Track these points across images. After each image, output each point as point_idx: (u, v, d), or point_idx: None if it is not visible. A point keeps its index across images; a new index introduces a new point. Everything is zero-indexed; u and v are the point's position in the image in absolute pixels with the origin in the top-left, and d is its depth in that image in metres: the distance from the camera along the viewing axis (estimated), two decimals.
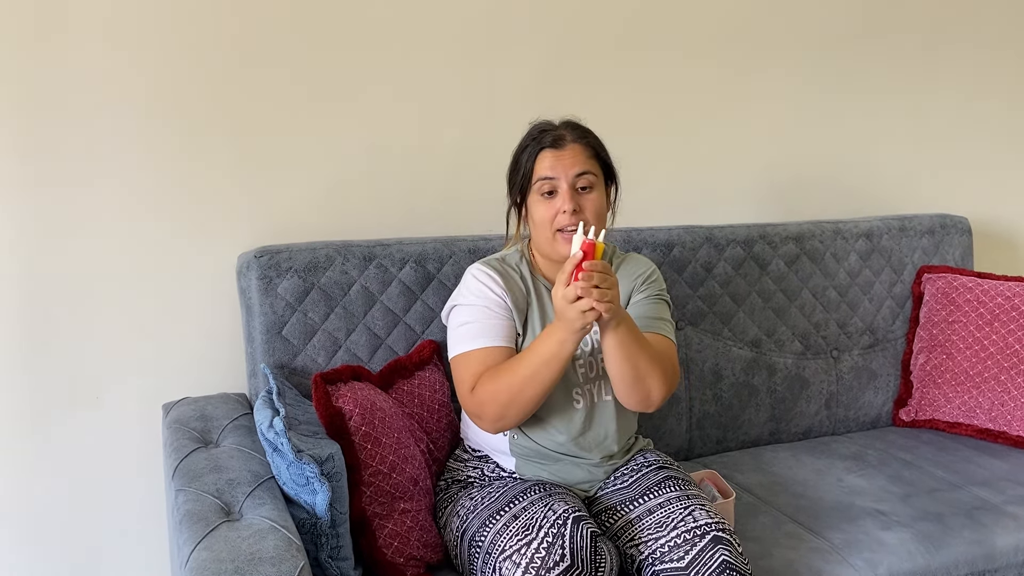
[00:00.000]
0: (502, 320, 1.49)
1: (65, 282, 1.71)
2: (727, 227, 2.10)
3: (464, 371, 1.47)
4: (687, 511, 1.41)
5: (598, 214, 1.49)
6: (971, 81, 2.58)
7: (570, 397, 1.52)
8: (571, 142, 1.50)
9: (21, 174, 1.65)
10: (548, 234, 1.49)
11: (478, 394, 1.43)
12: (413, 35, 1.91)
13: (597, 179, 1.51)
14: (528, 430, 1.52)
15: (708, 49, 2.21)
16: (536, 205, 1.50)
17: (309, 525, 1.31)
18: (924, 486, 1.84)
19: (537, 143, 1.51)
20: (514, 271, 1.55)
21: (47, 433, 1.74)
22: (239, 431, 1.53)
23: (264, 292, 1.66)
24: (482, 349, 1.46)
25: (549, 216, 1.48)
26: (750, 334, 2.08)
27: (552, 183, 1.48)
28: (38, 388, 1.72)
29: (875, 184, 2.49)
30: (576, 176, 1.47)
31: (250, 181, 1.81)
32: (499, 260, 1.57)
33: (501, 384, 1.40)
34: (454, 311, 1.53)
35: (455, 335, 1.51)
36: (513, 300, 1.51)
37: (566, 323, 1.31)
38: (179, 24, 1.72)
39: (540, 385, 1.38)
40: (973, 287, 2.18)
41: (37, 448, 1.74)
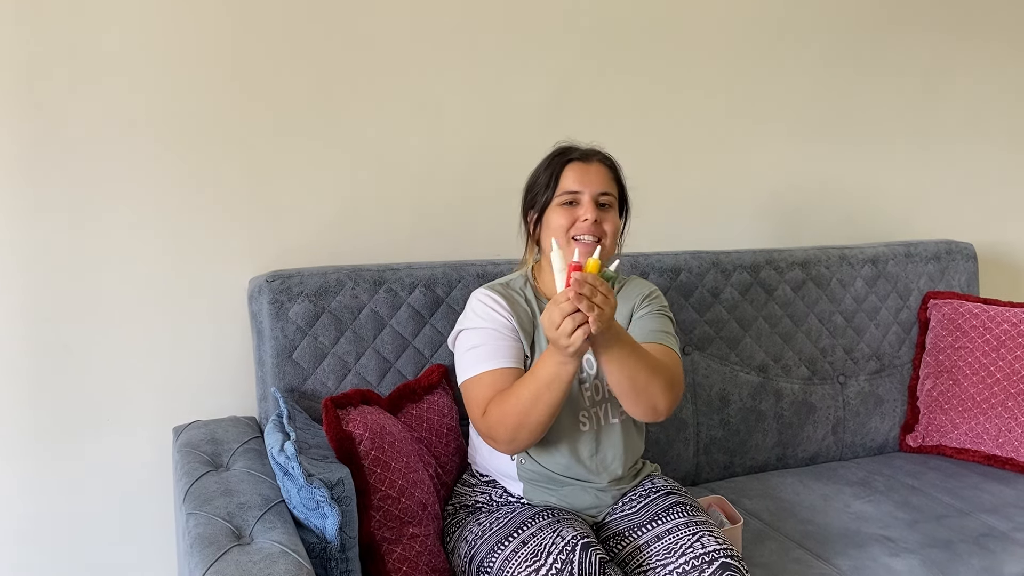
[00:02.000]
0: (510, 341, 1.50)
1: (76, 305, 1.72)
2: (734, 252, 2.11)
3: (475, 394, 1.48)
4: (696, 537, 1.42)
5: (613, 232, 1.53)
6: (975, 107, 2.60)
7: (576, 420, 1.53)
8: (597, 161, 1.55)
9: (35, 199, 1.67)
10: (563, 242, 1.50)
11: (489, 418, 1.44)
12: (424, 61, 1.93)
13: (615, 202, 1.55)
14: (535, 454, 1.53)
15: (716, 76, 2.23)
16: (555, 213, 1.52)
17: (319, 549, 1.31)
18: (932, 512, 1.84)
19: (563, 156, 1.55)
20: (518, 295, 1.57)
21: (57, 454, 1.75)
22: (249, 454, 1.54)
23: (275, 316, 1.67)
24: (491, 372, 1.47)
25: (567, 223, 1.50)
26: (757, 359, 2.09)
27: (576, 196, 1.51)
28: (49, 409, 1.73)
29: (880, 210, 2.51)
30: (599, 193, 1.52)
31: (261, 205, 1.83)
32: (503, 285, 1.59)
33: (508, 408, 1.40)
34: (461, 336, 1.54)
35: (464, 359, 1.52)
36: (519, 322, 1.52)
37: (557, 351, 1.31)
38: (188, 50, 1.74)
39: (546, 407, 1.38)
40: (979, 313, 2.19)
41: (47, 469, 1.74)
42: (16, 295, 1.68)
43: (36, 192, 1.67)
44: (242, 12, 1.77)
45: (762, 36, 2.28)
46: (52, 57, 1.65)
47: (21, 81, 1.63)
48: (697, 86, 2.22)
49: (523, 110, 2.04)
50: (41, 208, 1.68)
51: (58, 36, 1.64)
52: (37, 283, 1.69)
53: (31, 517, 1.74)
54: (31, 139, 1.65)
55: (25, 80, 1.63)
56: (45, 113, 1.66)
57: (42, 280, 1.70)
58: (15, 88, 1.63)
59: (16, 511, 1.73)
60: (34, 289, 1.69)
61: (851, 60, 2.40)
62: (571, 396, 1.51)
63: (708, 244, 2.25)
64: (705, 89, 2.23)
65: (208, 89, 1.77)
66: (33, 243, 1.68)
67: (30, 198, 1.67)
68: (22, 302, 1.69)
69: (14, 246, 1.67)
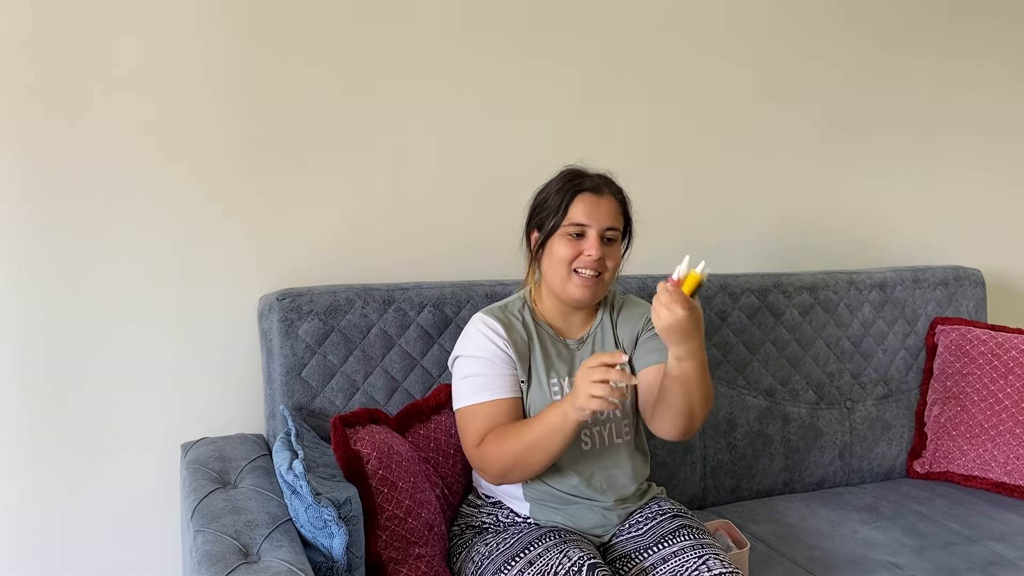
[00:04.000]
0: (505, 372, 1.51)
1: (86, 320, 1.73)
2: (741, 276, 2.12)
3: (469, 424, 1.49)
4: (701, 560, 1.42)
5: (614, 269, 1.55)
6: (985, 133, 2.61)
7: (579, 439, 1.53)
8: (608, 194, 1.54)
9: (44, 216, 1.68)
10: (564, 273, 1.51)
11: (483, 451, 1.46)
12: (435, 81, 1.95)
13: (619, 236, 1.56)
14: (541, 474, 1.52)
15: (726, 100, 2.25)
16: (559, 243, 1.52)
17: (325, 568, 1.31)
18: (939, 540, 1.83)
19: (575, 185, 1.53)
20: (516, 318, 1.57)
21: (65, 470, 1.75)
22: (257, 472, 1.55)
23: (285, 334, 1.68)
24: (486, 403, 1.48)
25: (571, 255, 1.51)
26: (764, 383, 2.09)
27: (583, 229, 1.51)
28: (57, 425, 1.74)
29: (889, 235, 2.51)
30: (606, 228, 1.51)
31: (272, 223, 1.85)
32: (501, 308, 1.59)
33: (505, 448, 1.42)
34: (458, 362, 1.55)
35: (459, 387, 1.53)
36: (515, 348, 1.52)
37: (575, 397, 1.33)
38: (199, 67, 1.76)
39: (542, 454, 1.40)
40: (987, 339, 2.18)
41: (55, 486, 1.75)
42: (25, 311, 1.69)
43: (45, 209, 1.68)
44: (255, 31, 1.79)
45: (772, 61, 2.29)
46: (62, 72, 1.67)
47: (31, 94, 1.65)
48: (707, 109, 2.23)
49: (533, 132, 2.05)
50: (50, 224, 1.69)
51: (69, 51, 1.66)
52: (46, 299, 1.70)
53: (38, 533, 1.75)
54: (40, 155, 1.67)
55: (35, 94, 1.65)
56: (55, 128, 1.67)
57: (51, 296, 1.71)
58: (25, 102, 1.65)
59: (23, 527, 1.74)
60: (43, 305, 1.70)
61: (860, 84, 2.41)
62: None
63: (716, 267, 2.26)
64: (715, 112, 2.25)
65: (219, 106, 1.78)
66: (41, 260, 1.69)
67: (39, 215, 1.68)
68: (31, 318, 1.70)
69: (23, 263, 1.68)
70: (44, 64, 1.65)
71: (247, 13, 1.78)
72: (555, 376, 1.54)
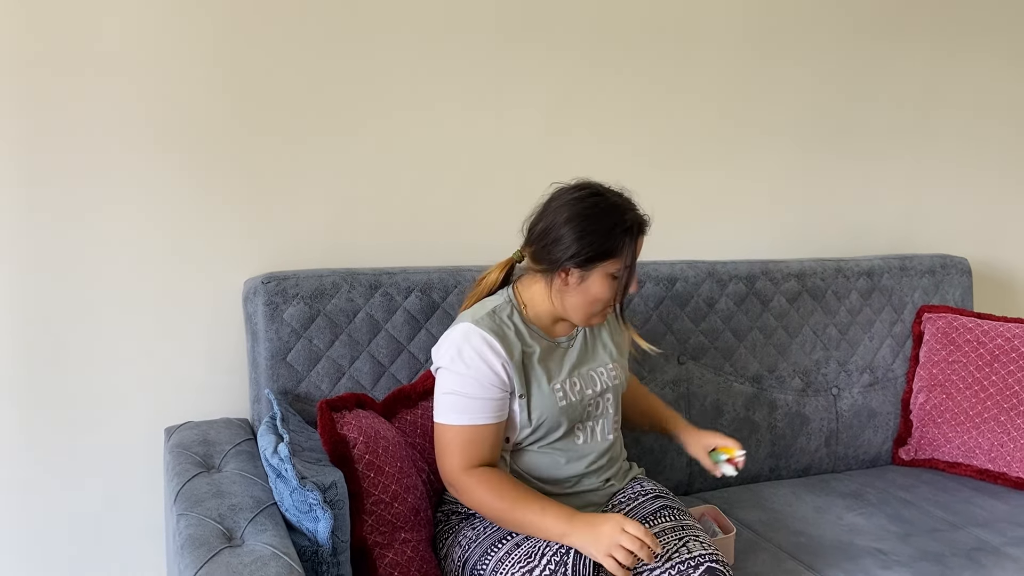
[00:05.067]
0: (493, 396, 1.43)
1: (70, 304, 1.72)
2: (730, 263, 2.12)
3: (451, 444, 1.43)
4: (681, 542, 1.42)
5: None
6: (972, 122, 2.61)
7: (573, 433, 1.52)
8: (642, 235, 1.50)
9: (28, 198, 1.66)
10: (587, 308, 1.47)
11: (468, 486, 1.41)
12: (423, 66, 1.94)
13: None
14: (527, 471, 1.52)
15: (715, 87, 2.24)
16: (599, 281, 1.45)
17: (310, 553, 1.31)
18: (924, 526, 1.84)
19: (638, 227, 1.46)
20: (508, 326, 1.48)
21: (48, 453, 1.74)
22: (241, 456, 1.53)
23: (270, 318, 1.67)
24: (472, 427, 1.42)
25: (607, 298, 1.46)
26: (751, 370, 2.09)
27: (627, 272, 1.45)
28: (40, 408, 1.72)
29: (876, 224, 2.51)
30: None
31: (258, 207, 1.83)
32: (491, 316, 1.47)
33: (492, 504, 1.39)
34: (442, 372, 1.46)
35: (443, 400, 1.45)
36: (513, 360, 1.45)
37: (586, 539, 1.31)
38: (186, 52, 1.74)
39: (519, 530, 1.40)
40: (973, 327, 2.19)
41: (38, 468, 1.73)
42: (7, 293, 1.67)
43: (30, 191, 1.66)
44: (241, 14, 1.77)
45: (760, 48, 2.29)
46: (49, 56, 1.64)
47: (17, 79, 1.63)
48: (695, 97, 2.23)
49: (521, 117, 2.04)
50: (35, 207, 1.67)
51: (56, 35, 1.64)
52: (29, 281, 1.69)
53: (21, 516, 1.73)
54: (26, 138, 1.65)
55: (21, 78, 1.63)
56: (40, 112, 1.65)
57: (34, 278, 1.69)
58: (11, 86, 1.62)
59: (6, 509, 1.72)
60: (26, 287, 1.68)
61: (849, 74, 2.41)
62: (574, 416, 1.51)
63: (704, 254, 2.26)
64: (703, 100, 2.24)
65: (206, 90, 1.76)
66: (25, 242, 1.67)
67: (23, 197, 1.66)
68: (13, 300, 1.68)
69: (6, 244, 1.66)
70: (27, 47, 1.62)
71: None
72: (556, 380, 1.50)
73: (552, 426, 1.48)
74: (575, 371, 1.53)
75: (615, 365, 1.60)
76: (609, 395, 1.57)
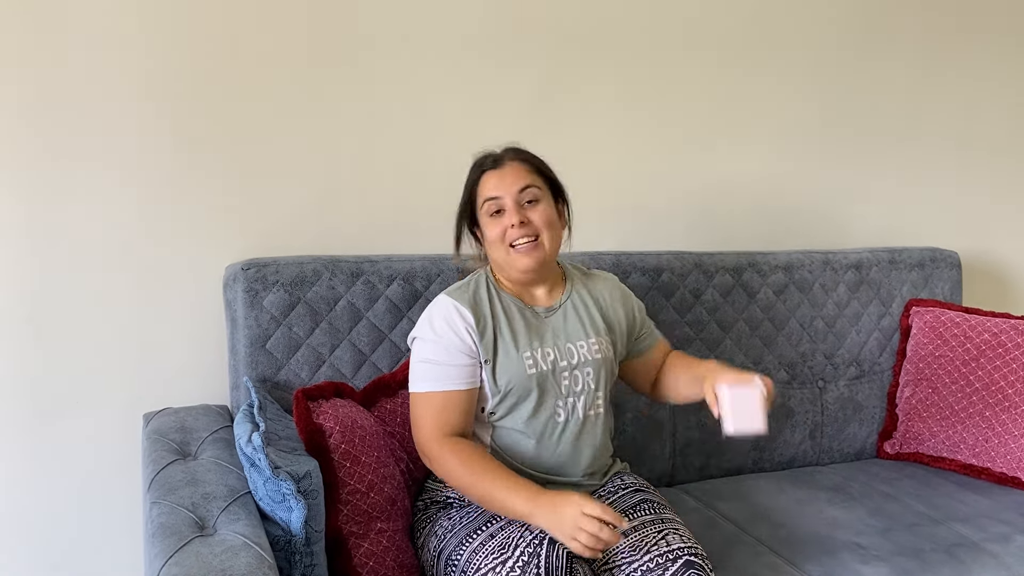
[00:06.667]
0: (461, 362, 1.47)
1: (50, 288, 1.70)
2: (716, 254, 2.10)
3: (424, 412, 1.47)
4: (660, 535, 1.42)
5: (548, 223, 1.52)
6: (963, 115, 2.59)
7: (553, 410, 1.51)
8: (509, 161, 1.55)
9: (6, 178, 1.65)
10: (503, 251, 1.52)
11: (440, 455, 1.43)
12: (406, 52, 1.92)
13: (542, 192, 1.54)
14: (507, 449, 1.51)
15: (702, 79, 2.22)
16: (487, 226, 1.54)
17: (283, 542, 1.30)
18: (905, 520, 1.83)
19: (479, 167, 1.57)
20: (482, 297, 1.54)
21: (25, 438, 1.73)
22: (218, 444, 1.53)
23: (249, 305, 1.66)
24: (442, 393, 1.46)
25: (499, 233, 1.51)
26: (736, 362, 2.08)
27: (498, 202, 1.51)
28: (17, 393, 1.71)
29: (865, 216, 2.50)
30: (519, 191, 1.51)
31: (240, 193, 1.81)
32: (466, 286, 1.56)
33: (461, 475, 1.41)
34: (416, 343, 1.52)
35: (415, 370, 1.50)
36: (480, 329, 1.49)
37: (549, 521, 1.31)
38: (171, 36, 1.72)
39: (486, 505, 1.41)
40: (961, 322, 2.18)
41: (14, 453, 1.72)
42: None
43: (7, 172, 1.65)
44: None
45: (749, 40, 2.26)
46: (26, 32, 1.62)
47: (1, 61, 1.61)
48: (683, 89, 2.21)
49: (506, 106, 2.02)
50: (13, 187, 1.65)
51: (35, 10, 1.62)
52: (6, 264, 1.67)
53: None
54: (4, 118, 1.63)
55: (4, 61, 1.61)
56: (22, 91, 1.63)
57: (12, 261, 1.67)
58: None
59: None
60: (5, 270, 1.67)
61: (838, 66, 2.39)
62: (547, 387, 1.51)
63: (691, 245, 2.24)
64: (691, 92, 2.22)
65: (190, 73, 1.74)
66: (3, 224, 1.66)
67: (2, 178, 1.64)
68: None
69: None
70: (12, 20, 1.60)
71: None
72: (527, 348, 1.51)
73: (521, 394, 1.48)
74: (551, 342, 1.54)
75: (599, 340, 1.58)
76: (589, 369, 1.54)
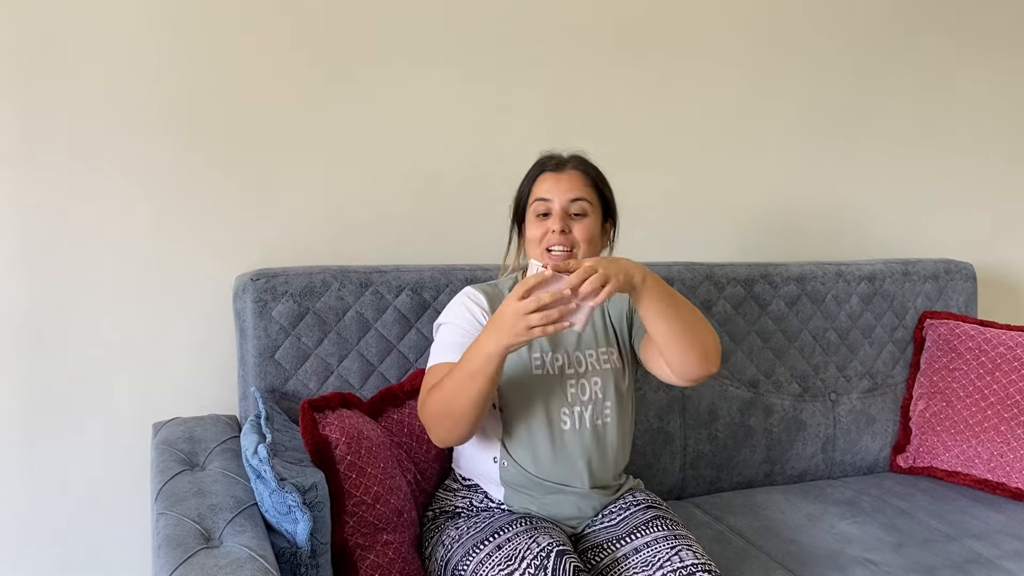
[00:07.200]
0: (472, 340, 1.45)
1: (60, 297, 1.71)
2: (728, 265, 2.09)
3: (425, 381, 1.47)
4: (673, 551, 1.41)
5: (588, 239, 1.51)
6: (978, 125, 2.57)
7: (558, 416, 1.50)
8: (571, 168, 1.55)
9: (19, 188, 1.66)
10: (538, 252, 1.52)
11: (424, 404, 1.44)
12: (416, 63, 1.92)
13: (592, 207, 1.53)
14: (518, 455, 1.49)
15: (716, 87, 2.22)
16: (530, 224, 1.55)
17: (289, 555, 1.30)
18: (918, 536, 1.81)
19: (540, 167, 1.58)
20: (505, 290, 1.56)
21: (36, 446, 1.73)
22: (226, 454, 1.53)
23: (259, 315, 1.66)
24: (445, 364, 1.45)
25: (539, 235, 1.52)
26: (748, 374, 2.07)
27: (547, 204, 1.52)
28: (28, 402, 1.72)
29: (879, 227, 2.48)
30: (570, 201, 1.51)
31: (250, 203, 1.82)
32: (491, 284, 1.59)
33: (434, 395, 1.40)
34: (438, 329, 1.54)
35: (432, 350, 1.52)
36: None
37: (503, 334, 1.28)
38: (181, 48, 1.73)
39: (467, 399, 1.34)
40: (975, 335, 2.16)
41: (25, 461, 1.73)
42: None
43: (20, 181, 1.66)
44: (234, 10, 1.75)
45: (763, 49, 2.26)
46: (44, 44, 1.63)
47: (11, 66, 1.62)
48: (696, 97, 2.20)
49: (517, 116, 2.02)
50: (25, 197, 1.67)
51: (51, 24, 1.63)
52: (18, 273, 1.68)
53: (7, 511, 1.73)
54: (18, 127, 1.64)
55: (15, 66, 1.62)
56: (34, 101, 1.65)
57: (24, 270, 1.68)
58: (4, 75, 1.62)
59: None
60: (14, 279, 1.68)
61: (852, 75, 2.38)
62: (553, 391, 1.49)
63: (702, 256, 2.23)
64: (704, 100, 2.21)
65: (200, 84, 1.75)
66: (15, 232, 1.67)
67: (14, 187, 1.66)
68: (2, 293, 1.67)
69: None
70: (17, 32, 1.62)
71: None
72: (537, 351, 1.51)
73: (524, 392, 1.47)
74: (563, 348, 1.53)
75: (609, 350, 1.56)
76: (597, 379, 1.52)
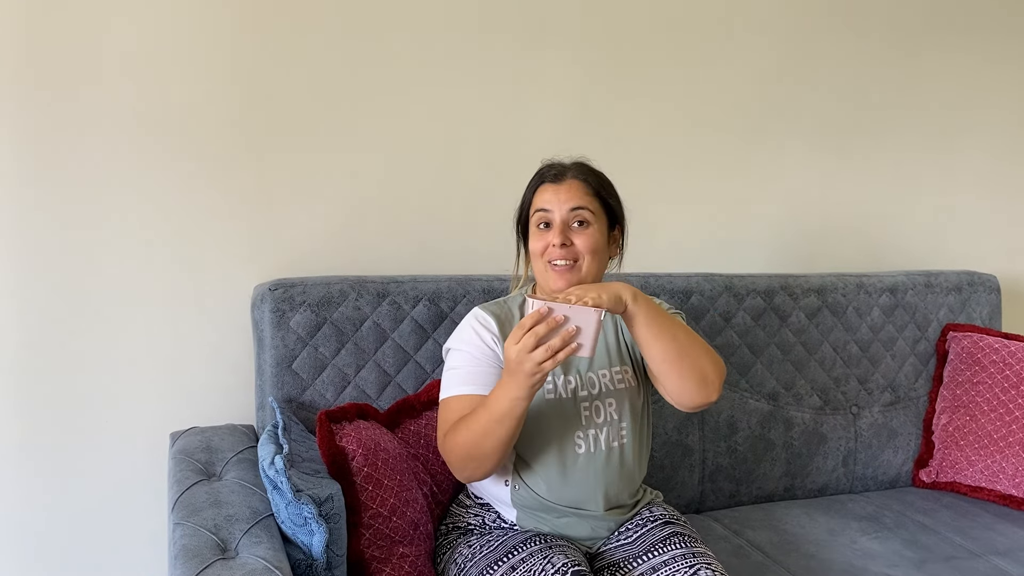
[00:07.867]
0: (485, 368, 1.44)
1: (77, 307, 1.72)
2: (747, 276, 2.07)
3: (443, 417, 1.44)
4: (692, 570, 1.38)
5: (592, 250, 1.46)
6: (1002, 136, 2.54)
7: (572, 441, 1.46)
8: (571, 178, 1.50)
9: (34, 200, 1.67)
10: (541, 265, 1.49)
11: (446, 442, 1.41)
12: (433, 73, 1.92)
13: (595, 216, 1.48)
14: (529, 480, 1.46)
15: (736, 97, 2.20)
16: (532, 236, 1.51)
17: (305, 567, 1.29)
18: (941, 553, 1.78)
19: (539, 177, 1.54)
20: (514, 313, 1.53)
21: (54, 455, 1.74)
22: (243, 464, 1.53)
23: (276, 325, 1.66)
24: (462, 396, 1.43)
25: (541, 248, 1.48)
26: (767, 386, 2.05)
27: (547, 215, 1.48)
28: (45, 412, 1.72)
29: (902, 238, 2.45)
30: (571, 211, 1.46)
31: (268, 214, 1.82)
32: (499, 303, 1.55)
33: (460, 437, 1.36)
34: (447, 353, 1.52)
35: (444, 378, 1.49)
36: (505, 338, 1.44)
37: (519, 378, 1.26)
38: (196, 55, 1.74)
39: (496, 441, 1.33)
40: (999, 348, 2.13)
41: (44, 470, 1.74)
42: (13, 295, 1.68)
43: (36, 193, 1.67)
44: (252, 19, 1.76)
45: (783, 59, 2.24)
46: (57, 56, 1.65)
47: (26, 79, 1.63)
48: (716, 107, 2.19)
49: (535, 128, 2.02)
50: (41, 208, 1.68)
51: (65, 36, 1.65)
52: (35, 284, 1.69)
53: (24, 520, 1.74)
54: (33, 139, 1.65)
55: (30, 78, 1.64)
56: (49, 113, 1.66)
57: (42, 281, 1.69)
58: (19, 86, 1.63)
59: (7, 514, 1.73)
60: (32, 290, 1.69)
61: (875, 86, 2.36)
62: (567, 415, 1.46)
63: (721, 267, 2.21)
64: (725, 110, 2.20)
65: (215, 94, 1.76)
66: (32, 244, 1.68)
67: (30, 199, 1.67)
68: (20, 302, 1.69)
69: (12, 246, 1.67)
70: (39, 50, 1.63)
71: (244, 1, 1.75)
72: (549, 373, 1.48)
73: (535, 420, 1.44)
74: (574, 370, 1.50)
75: (623, 369, 1.53)
76: (612, 400, 1.49)
